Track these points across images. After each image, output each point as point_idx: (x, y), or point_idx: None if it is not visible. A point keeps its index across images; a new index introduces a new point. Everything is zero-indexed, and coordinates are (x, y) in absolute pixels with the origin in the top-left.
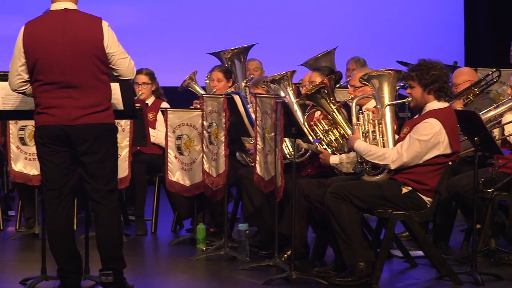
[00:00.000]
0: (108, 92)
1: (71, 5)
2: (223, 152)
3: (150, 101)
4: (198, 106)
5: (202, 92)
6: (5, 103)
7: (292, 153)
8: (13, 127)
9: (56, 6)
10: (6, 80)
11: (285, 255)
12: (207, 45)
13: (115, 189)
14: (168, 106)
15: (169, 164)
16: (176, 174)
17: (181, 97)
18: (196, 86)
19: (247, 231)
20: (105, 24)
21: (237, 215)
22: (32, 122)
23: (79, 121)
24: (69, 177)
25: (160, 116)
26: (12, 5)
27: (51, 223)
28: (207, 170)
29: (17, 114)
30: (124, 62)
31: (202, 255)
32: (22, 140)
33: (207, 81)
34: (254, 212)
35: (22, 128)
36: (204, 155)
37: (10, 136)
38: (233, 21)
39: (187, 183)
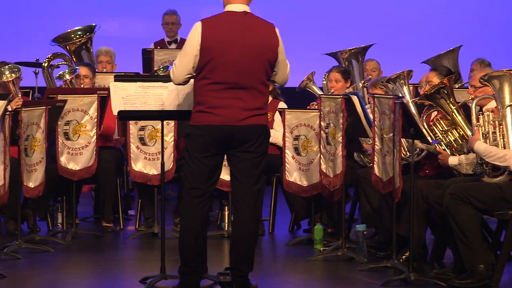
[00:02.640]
0: (268, 97)
1: (248, 8)
2: (341, 152)
3: None
4: (316, 106)
5: (319, 92)
6: (125, 103)
7: (409, 153)
8: (133, 127)
9: (234, 8)
10: (127, 81)
11: (403, 257)
12: (324, 46)
13: (261, 190)
14: (286, 106)
15: (286, 164)
16: (293, 175)
17: (298, 98)
18: (313, 87)
19: (364, 232)
20: (277, 31)
21: (355, 216)
22: (152, 123)
23: (245, 122)
24: (215, 178)
25: (277, 116)
26: (132, 7)
27: (188, 220)
28: (325, 171)
29: (137, 115)
30: (285, 71)
31: (320, 255)
32: (142, 140)
33: (325, 82)
34: (372, 213)
35: (142, 128)
36: (322, 156)
37: (130, 136)
38: (350, 21)
39: (305, 183)
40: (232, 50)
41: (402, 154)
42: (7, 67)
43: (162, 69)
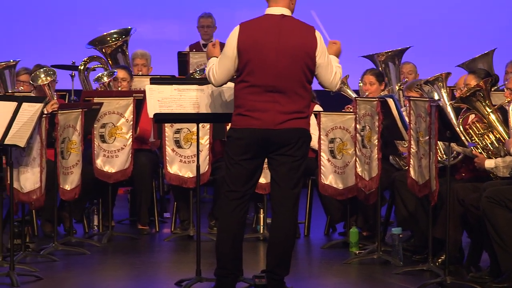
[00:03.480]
0: (309, 100)
1: (287, 12)
2: (376, 155)
3: None
4: (351, 109)
5: (354, 95)
6: (161, 106)
7: (445, 156)
8: (168, 130)
9: (272, 11)
10: (162, 84)
11: (439, 260)
12: (361, 48)
13: (299, 194)
14: (321, 109)
15: (322, 167)
16: (329, 178)
17: (333, 101)
18: (348, 90)
19: (400, 235)
20: (318, 34)
21: (390, 219)
22: (187, 125)
23: (283, 126)
24: (253, 181)
25: (313, 119)
26: (167, 10)
27: (225, 223)
28: (360, 174)
29: (173, 117)
30: (330, 74)
31: (355, 258)
32: (177, 143)
33: (361, 84)
34: (407, 216)
35: (178, 131)
36: (357, 159)
37: (166, 139)
38: (387, 24)
39: (340, 186)
40: (268, 53)
41: (438, 157)
42: (42, 70)
43: (198, 72)
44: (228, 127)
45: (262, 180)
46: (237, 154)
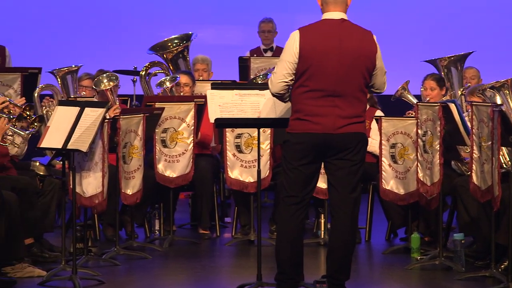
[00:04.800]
0: (366, 104)
1: (345, 16)
2: (438, 160)
3: None
4: (413, 114)
5: (415, 101)
6: (222, 111)
7: (509, 162)
8: (229, 135)
9: (331, 16)
10: (223, 89)
11: (502, 266)
12: (423, 53)
13: (358, 198)
14: (382, 115)
15: (383, 172)
16: (390, 183)
17: (394, 106)
18: (409, 96)
19: (462, 241)
20: (375, 38)
21: (452, 225)
22: (248, 130)
23: (343, 130)
24: (311, 186)
25: (374, 124)
26: (228, 15)
27: (284, 228)
28: (422, 179)
29: (234, 122)
30: (383, 77)
31: (417, 264)
32: (238, 147)
33: (422, 90)
34: (469, 222)
35: (239, 136)
36: (419, 164)
37: (227, 143)
38: (450, 28)
39: (401, 191)
40: (330, 58)
41: (504, 164)
42: (105, 75)
43: (261, 77)
44: None
45: (322, 185)
46: (295, 159)
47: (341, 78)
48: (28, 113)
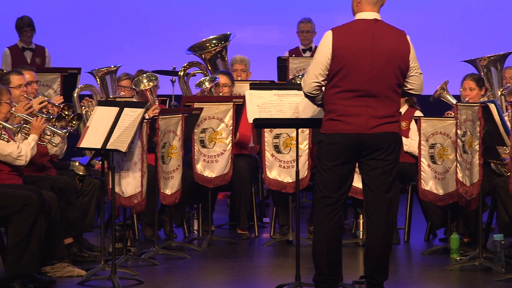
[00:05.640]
0: (399, 104)
1: (379, 16)
2: (478, 161)
3: (403, 109)
4: (452, 114)
5: (454, 101)
6: (261, 111)
7: None
8: (268, 135)
9: (364, 16)
10: (262, 89)
11: None
12: (462, 53)
13: (393, 198)
14: (422, 115)
15: (422, 173)
16: (429, 183)
17: (433, 106)
18: (448, 96)
19: (502, 242)
20: (408, 38)
21: (492, 225)
22: (287, 130)
23: (376, 130)
24: (346, 187)
25: (413, 125)
26: (267, 15)
27: (320, 229)
28: (461, 180)
29: (272, 122)
30: (419, 78)
31: (456, 265)
32: (276, 148)
33: (462, 90)
34: (509, 223)
35: (277, 136)
36: (458, 164)
37: (265, 144)
38: (490, 28)
39: (441, 192)
40: (363, 58)
41: None
42: (144, 75)
43: (299, 77)
44: None
45: (360, 185)
46: (329, 159)
47: (374, 78)
48: (66, 112)
